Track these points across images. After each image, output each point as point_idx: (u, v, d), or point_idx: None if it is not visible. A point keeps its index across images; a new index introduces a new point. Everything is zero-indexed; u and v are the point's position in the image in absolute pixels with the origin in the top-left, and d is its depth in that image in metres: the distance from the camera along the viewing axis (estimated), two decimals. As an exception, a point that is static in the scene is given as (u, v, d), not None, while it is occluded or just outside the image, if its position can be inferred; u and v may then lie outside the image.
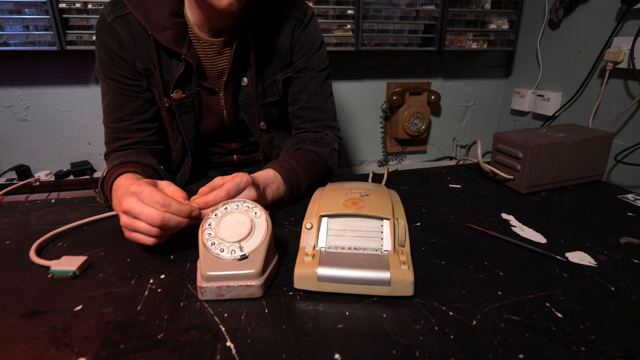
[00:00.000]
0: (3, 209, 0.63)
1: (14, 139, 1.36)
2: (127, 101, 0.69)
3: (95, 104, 1.37)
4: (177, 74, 0.67)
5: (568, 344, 0.33)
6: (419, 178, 0.75)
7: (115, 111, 0.69)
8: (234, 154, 0.84)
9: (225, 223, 0.43)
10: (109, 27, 0.64)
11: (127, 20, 0.64)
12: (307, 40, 0.73)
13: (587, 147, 0.67)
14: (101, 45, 0.66)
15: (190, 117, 0.73)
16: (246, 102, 0.74)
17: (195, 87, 0.71)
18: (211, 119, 0.75)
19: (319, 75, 0.76)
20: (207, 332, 0.35)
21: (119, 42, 0.65)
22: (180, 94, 0.70)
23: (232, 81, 0.72)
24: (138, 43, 0.66)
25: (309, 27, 0.74)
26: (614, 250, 0.49)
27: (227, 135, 0.80)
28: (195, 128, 0.75)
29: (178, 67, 0.67)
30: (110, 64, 0.66)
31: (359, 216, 0.45)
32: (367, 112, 1.63)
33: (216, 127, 0.76)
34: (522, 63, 1.59)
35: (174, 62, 0.67)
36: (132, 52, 0.66)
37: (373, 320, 0.36)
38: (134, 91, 0.69)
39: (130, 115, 0.70)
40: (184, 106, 0.71)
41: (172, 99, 0.69)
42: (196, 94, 0.72)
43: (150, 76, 0.69)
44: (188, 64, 0.66)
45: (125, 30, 0.65)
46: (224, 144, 0.81)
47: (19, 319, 0.37)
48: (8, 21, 1.14)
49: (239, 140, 0.82)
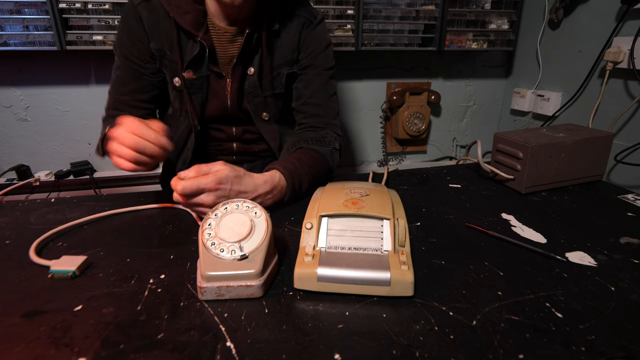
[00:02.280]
0: (3, 209, 0.63)
1: (14, 139, 1.36)
2: (132, 79, 0.77)
3: (95, 104, 1.37)
4: (191, 55, 0.73)
5: (568, 344, 0.33)
6: (419, 178, 0.75)
7: (120, 85, 0.77)
8: (234, 140, 0.87)
9: (225, 223, 0.43)
10: (134, 10, 0.72)
11: (151, 4, 0.73)
12: (315, 39, 0.79)
13: (587, 147, 0.67)
14: (123, 26, 0.74)
15: (197, 98, 0.78)
16: (251, 91, 0.79)
17: (205, 71, 0.76)
18: (216, 103, 0.80)
19: (323, 74, 0.80)
20: (207, 332, 0.35)
21: (140, 24, 0.73)
22: (192, 74, 0.75)
23: (239, 68, 0.77)
24: (158, 25, 0.73)
25: (317, 27, 0.79)
26: (614, 250, 0.49)
27: (229, 119, 0.84)
28: (202, 110, 0.80)
29: (193, 49, 0.73)
30: (127, 43, 0.74)
31: (359, 216, 0.45)
32: (367, 112, 1.63)
33: (220, 111, 0.81)
34: (522, 63, 1.59)
35: (190, 43, 0.74)
36: (150, 33, 0.73)
37: (373, 320, 0.36)
38: (140, 72, 0.77)
39: (132, 92, 0.78)
40: (193, 87, 0.77)
41: (184, 77, 0.75)
42: (205, 78, 0.77)
43: (162, 57, 0.75)
44: (202, 46, 0.72)
45: (148, 13, 0.72)
46: (225, 127, 0.85)
47: (19, 319, 0.37)
48: (8, 21, 1.14)
49: (240, 125, 0.85)
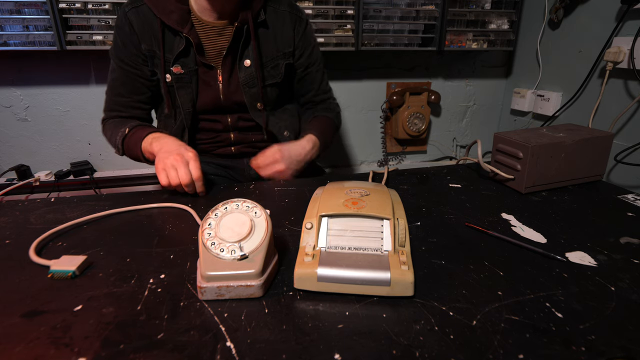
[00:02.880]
0: (3, 208, 0.63)
1: (14, 139, 1.37)
2: (128, 81, 0.82)
3: (95, 104, 1.37)
4: (177, 50, 0.79)
5: (568, 344, 0.33)
6: (419, 178, 0.75)
7: (117, 87, 0.83)
8: (230, 130, 0.91)
9: (225, 223, 0.43)
10: (125, 16, 0.79)
11: (140, 10, 0.79)
12: (308, 40, 0.90)
13: (587, 147, 0.67)
14: (116, 31, 0.81)
15: (187, 92, 0.83)
16: (247, 82, 0.85)
17: (193, 65, 0.82)
18: (208, 94, 0.85)
19: (320, 67, 0.96)
20: (207, 332, 0.35)
21: (131, 28, 0.79)
22: (180, 69, 0.81)
23: (229, 59, 0.83)
24: (146, 27, 0.79)
25: (308, 27, 0.90)
26: (614, 250, 0.49)
27: (223, 109, 0.88)
28: (193, 104, 0.85)
29: (179, 45, 0.79)
30: (121, 47, 0.80)
31: (359, 216, 0.45)
32: (367, 112, 1.63)
33: (213, 101, 0.85)
34: (522, 63, 1.59)
35: (177, 39, 0.79)
36: (140, 35, 0.79)
37: (373, 320, 0.36)
38: (135, 74, 0.82)
39: (129, 93, 0.84)
40: (182, 81, 0.82)
41: (172, 72, 0.81)
42: (194, 72, 0.82)
43: (153, 57, 0.81)
44: (188, 41, 0.78)
45: (137, 17, 0.78)
46: (220, 117, 0.89)
47: (19, 319, 0.37)
48: (8, 21, 1.14)
49: (234, 113, 0.89)
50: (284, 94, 0.94)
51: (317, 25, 1.32)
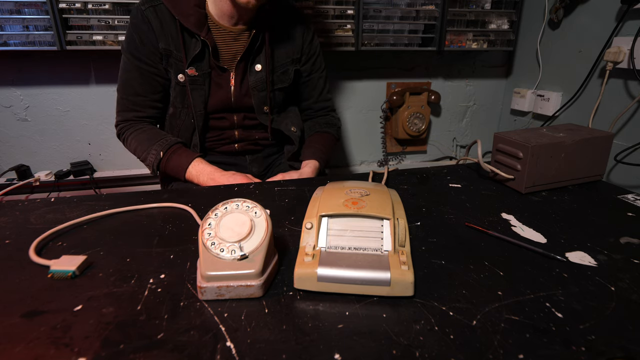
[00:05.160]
0: (3, 208, 0.63)
1: (14, 139, 1.37)
2: (144, 80, 0.83)
3: (95, 103, 1.37)
4: (194, 52, 0.81)
5: (568, 344, 0.33)
6: (419, 178, 0.75)
7: (133, 86, 0.83)
8: (236, 128, 0.92)
9: (225, 223, 0.43)
10: (142, 14, 0.80)
11: (158, 9, 0.80)
12: (314, 48, 0.95)
13: (587, 147, 0.67)
14: (133, 28, 0.81)
15: (200, 93, 0.84)
16: (257, 86, 0.87)
17: (207, 68, 0.83)
18: (219, 95, 0.86)
19: (323, 75, 0.99)
20: (207, 332, 0.35)
21: (148, 26, 0.80)
22: (194, 71, 0.82)
23: (243, 63, 0.85)
24: (164, 27, 0.80)
25: (315, 37, 0.95)
26: (614, 250, 0.49)
27: (231, 109, 0.90)
28: (205, 105, 0.86)
29: (195, 47, 0.81)
30: (138, 44, 0.81)
31: (359, 216, 0.45)
32: (367, 112, 1.63)
33: (223, 102, 0.87)
34: (522, 63, 1.59)
35: (193, 42, 0.81)
36: (158, 34, 0.80)
37: (373, 320, 0.36)
38: (152, 72, 0.83)
39: (146, 92, 0.84)
40: (195, 83, 0.83)
41: (187, 74, 0.82)
42: (207, 74, 0.84)
43: (169, 56, 0.82)
44: (204, 44, 0.80)
45: (155, 16, 0.80)
46: (227, 115, 0.91)
47: (19, 319, 0.37)
48: (8, 21, 1.14)
49: (241, 112, 0.91)
50: (290, 98, 0.98)
51: (317, 25, 1.32)
